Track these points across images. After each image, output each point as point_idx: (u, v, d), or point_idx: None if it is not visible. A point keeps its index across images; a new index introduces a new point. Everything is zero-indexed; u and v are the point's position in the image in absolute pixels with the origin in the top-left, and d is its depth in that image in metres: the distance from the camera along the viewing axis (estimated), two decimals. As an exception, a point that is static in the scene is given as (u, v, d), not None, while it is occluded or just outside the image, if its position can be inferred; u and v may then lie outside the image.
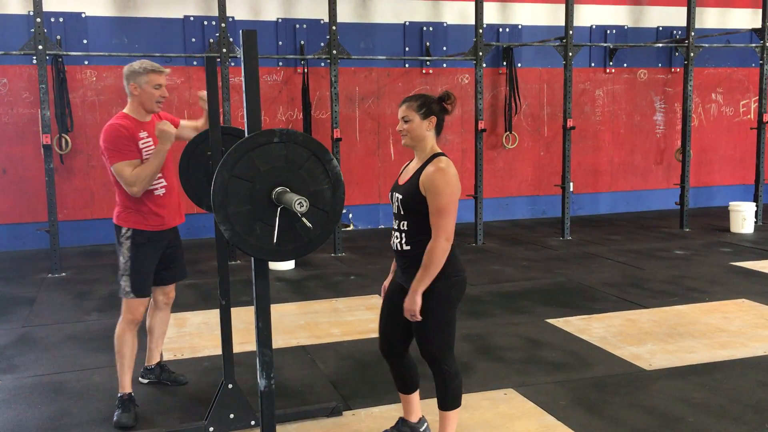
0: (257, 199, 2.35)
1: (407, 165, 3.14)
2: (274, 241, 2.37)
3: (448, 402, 3.06)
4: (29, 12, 8.05)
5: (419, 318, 2.96)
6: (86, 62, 8.47)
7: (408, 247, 3.00)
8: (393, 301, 3.14)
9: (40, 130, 7.31)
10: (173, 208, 3.88)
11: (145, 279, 3.76)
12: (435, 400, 3.13)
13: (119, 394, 3.76)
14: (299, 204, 2.25)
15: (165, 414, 3.79)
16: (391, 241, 3.10)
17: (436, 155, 2.98)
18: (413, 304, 2.93)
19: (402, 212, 3.00)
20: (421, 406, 3.36)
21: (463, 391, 3.98)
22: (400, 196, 3.00)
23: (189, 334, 5.14)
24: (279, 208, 2.36)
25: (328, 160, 2.41)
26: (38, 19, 7.01)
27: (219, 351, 3.75)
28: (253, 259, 2.49)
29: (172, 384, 4.15)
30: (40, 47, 7.02)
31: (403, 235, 3.00)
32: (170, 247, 3.91)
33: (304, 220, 2.35)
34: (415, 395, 3.30)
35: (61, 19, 8.34)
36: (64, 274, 7.15)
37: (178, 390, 4.10)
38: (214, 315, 5.43)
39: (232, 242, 2.35)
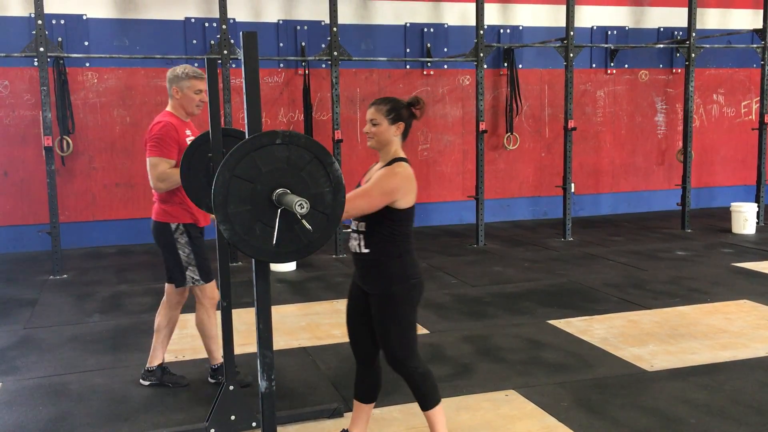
0: (258, 200, 2.35)
1: (372, 167, 3.13)
2: (274, 242, 2.37)
3: (427, 401, 3.04)
4: (30, 14, 8.06)
5: None
6: (87, 64, 8.48)
7: (367, 250, 2.97)
8: (356, 305, 3.12)
9: (42, 132, 7.32)
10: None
11: (208, 264, 4.07)
12: (415, 404, 3.11)
13: (216, 365, 4.14)
14: (300, 206, 2.25)
15: (166, 415, 3.79)
16: (349, 243, 3.06)
17: (396, 160, 2.98)
18: None
19: None
20: (404, 408, 3.34)
21: (464, 393, 3.99)
22: None
23: (190, 336, 5.14)
24: (279, 210, 2.37)
25: (329, 163, 2.41)
26: (39, 21, 7.01)
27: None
28: (253, 260, 2.49)
29: (174, 386, 4.15)
30: (42, 49, 7.02)
31: (362, 237, 2.97)
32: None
33: (303, 222, 2.34)
34: (368, 408, 3.25)
35: (62, 21, 8.35)
36: (65, 275, 7.15)
37: (179, 391, 4.10)
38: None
39: (232, 242, 2.35)
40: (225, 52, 7.57)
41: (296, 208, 2.24)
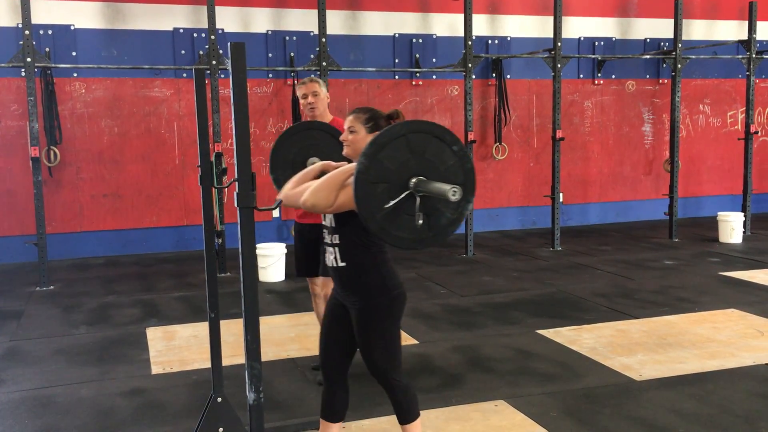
0: (395, 194, 2.50)
1: None
2: (419, 225, 2.53)
3: (406, 415, 3.00)
4: (18, 24, 8.03)
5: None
6: (75, 74, 8.45)
7: (343, 263, 2.91)
8: (334, 320, 3.06)
9: (29, 142, 7.28)
10: None
11: (299, 262, 4.47)
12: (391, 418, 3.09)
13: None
14: (453, 193, 2.36)
15: (153, 428, 3.76)
16: (326, 258, 3.00)
17: None
18: None
19: (333, 224, 2.93)
20: (393, 419, 3.31)
21: (454, 403, 3.99)
22: None
23: (178, 347, 5.11)
24: (418, 198, 2.50)
25: (449, 139, 2.60)
26: (27, 32, 6.99)
27: (208, 364, 3.73)
28: (241, 271, 2.49)
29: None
30: (29, 59, 6.99)
31: (336, 249, 2.92)
32: (315, 242, 4.29)
33: (449, 194, 2.39)
34: (336, 428, 3.17)
35: (49, 32, 8.33)
36: (52, 287, 7.10)
37: (166, 403, 4.07)
38: (203, 328, 5.40)
39: (381, 236, 2.55)
40: (214, 62, 7.57)
41: (450, 196, 2.37)
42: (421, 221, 2.51)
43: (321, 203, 2.75)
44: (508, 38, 10.13)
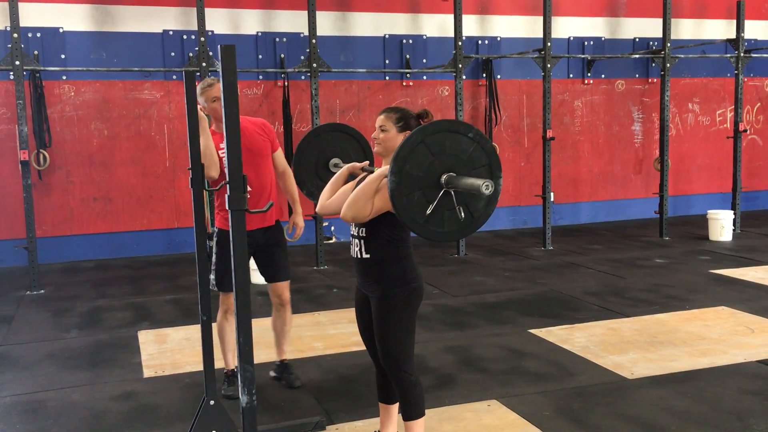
0: (431, 194, 2.63)
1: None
2: (462, 219, 2.67)
3: (411, 411, 3.06)
4: (6, 27, 7.99)
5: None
6: (64, 77, 8.41)
7: (368, 255, 3.04)
8: (363, 311, 3.19)
9: (18, 146, 7.24)
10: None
11: (225, 275, 4.11)
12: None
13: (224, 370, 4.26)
14: (486, 187, 2.45)
15: (146, 431, 3.75)
16: (351, 250, 3.14)
17: None
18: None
19: None
20: (377, 424, 3.36)
21: (447, 403, 4.00)
22: None
23: (170, 350, 5.10)
24: (453, 193, 2.62)
25: (463, 129, 2.67)
26: (15, 35, 6.95)
27: (200, 367, 3.72)
28: (233, 273, 2.48)
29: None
30: (18, 62, 6.96)
31: (362, 242, 3.04)
32: (265, 247, 4.23)
33: (482, 189, 2.49)
34: (394, 408, 3.30)
35: (38, 35, 8.28)
36: (42, 291, 7.06)
37: (158, 407, 4.06)
38: (195, 330, 5.38)
39: (414, 230, 2.67)
40: (203, 64, 7.55)
41: (483, 190, 2.46)
42: (462, 214, 2.64)
43: (360, 214, 2.92)
44: (498, 38, 10.15)
